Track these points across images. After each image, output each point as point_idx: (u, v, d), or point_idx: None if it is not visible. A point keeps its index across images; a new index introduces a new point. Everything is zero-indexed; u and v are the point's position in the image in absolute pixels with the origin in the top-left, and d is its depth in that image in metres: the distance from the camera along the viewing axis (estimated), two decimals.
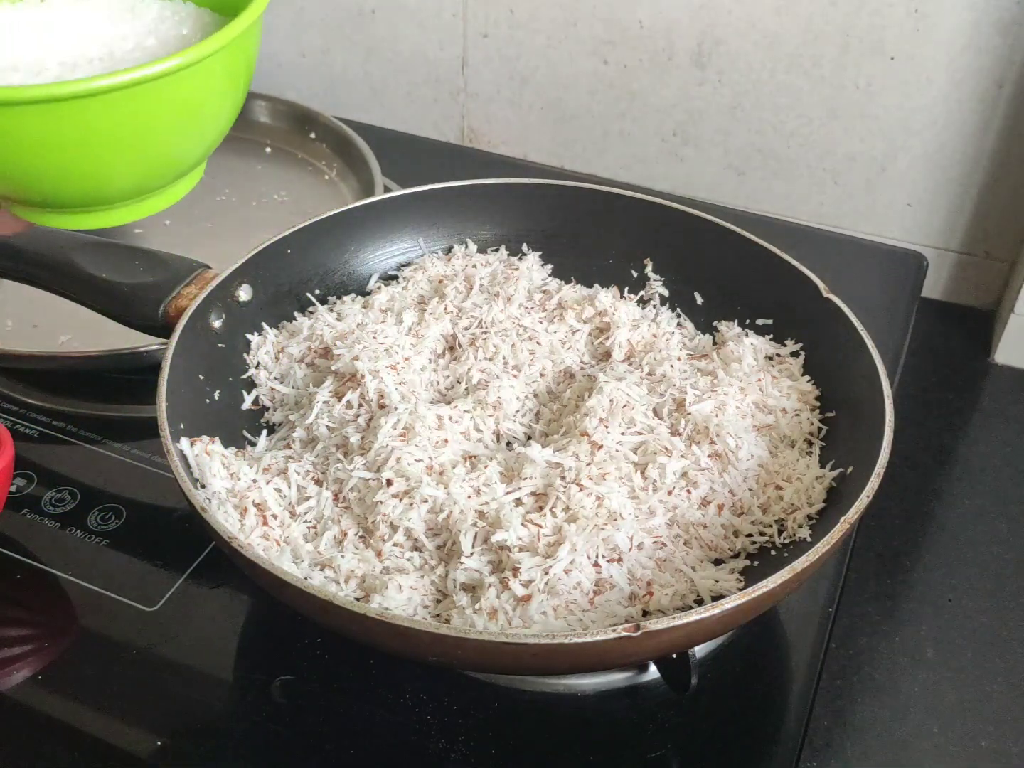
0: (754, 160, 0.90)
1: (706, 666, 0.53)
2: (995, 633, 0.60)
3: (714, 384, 0.60)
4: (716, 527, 0.53)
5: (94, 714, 0.52)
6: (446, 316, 0.63)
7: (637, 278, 0.69)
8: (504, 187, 0.71)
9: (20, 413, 0.69)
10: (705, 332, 0.66)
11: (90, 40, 0.78)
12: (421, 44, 0.98)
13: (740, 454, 0.55)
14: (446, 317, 0.63)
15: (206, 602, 0.57)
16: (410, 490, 0.51)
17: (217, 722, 0.52)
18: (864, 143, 0.85)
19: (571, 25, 0.90)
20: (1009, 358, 0.82)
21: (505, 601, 0.47)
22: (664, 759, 0.50)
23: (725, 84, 0.88)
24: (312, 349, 0.62)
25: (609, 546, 0.49)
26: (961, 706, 0.56)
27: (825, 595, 0.58)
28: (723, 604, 0.42)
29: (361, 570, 0.50)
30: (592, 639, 0.41)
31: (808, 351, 0.62)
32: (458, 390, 0.60)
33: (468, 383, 0.59)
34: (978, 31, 0.77)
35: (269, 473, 0.54)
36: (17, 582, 0.58)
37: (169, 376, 0.53)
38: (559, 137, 0.98)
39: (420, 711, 0.52)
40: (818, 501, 0.53)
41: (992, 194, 0.84)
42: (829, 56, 0.83)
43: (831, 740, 0.54)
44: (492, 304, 0.64)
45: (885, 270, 0.83)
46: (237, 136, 0.98)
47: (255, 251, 0.63)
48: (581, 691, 0.53)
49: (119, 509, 0.62)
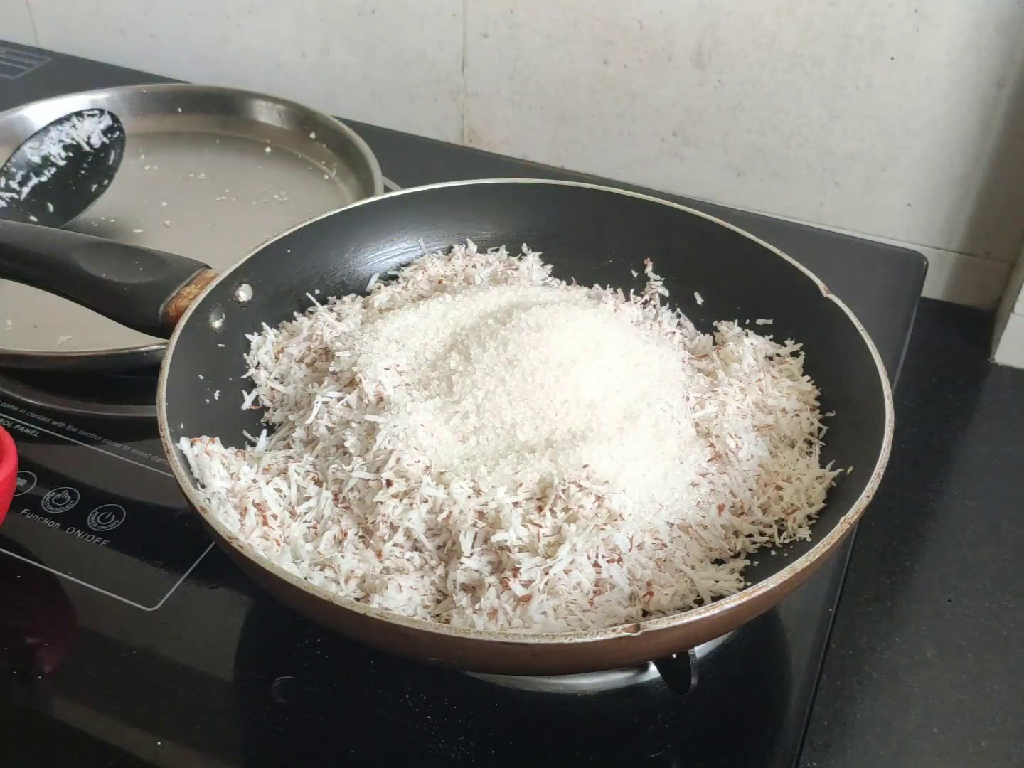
0: (754, 160, 0.90)
1: (706, 666, 0.53)
2: (995, 633, 0.60)
3: (714, 384, 0.60)
4: (716, 527, 0.53)
5: (94, 714, 0.52)
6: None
7: (637, 278, 0.69)
8: (504, 187, 0.71)
9: (20, 413, 0.69)
10: (705, 332, 0.66)
11: None
12: (421, 44, 0.98)
13: (740, 454, 0.55)
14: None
15: (206, 602, 0.57)
16: (410, 490, 0.51)
17: (217, 722, 0.52)
18: (864, 143, 0.85)
19: (571, 25, 0.90)
20: (1009, 358, 0.82)
21: (505, 601, 0.47)
22: (664, 759, 0.50)
23: (725, 84, 0.88)
24: (312, 349, 0.62)
25: (609, 546, 0.49)
26: (961, 706, 0.56)
27: (825, 595, 0.57)
28: (723, 604, 0.42)
29: (361, 570, 0.50)
30: (592, 639, 0.41)
31: (808, 351, 0.62)
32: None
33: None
34: (978, 31, 0.77)
35: (269, 473, 0.54)
36: (17, 582, 0.58)
37: (169, 376, 0.53)
38: (559, 137, 0.98)
39: (420, 711, 0.52)
40: (818, 501, 0.53)
41: (992, 194, 0.84)
42: (829, 56, 0.83)
43: (831, 740, 0.54)
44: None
45: (885, 270, 0.83)
46: (237, 136, 0.98)
47: (255, 251, 0.63)
48: (581, 691, 0.53)
49: (119, 509, 0.62)
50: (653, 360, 0.60)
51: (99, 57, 1.15)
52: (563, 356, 0.56)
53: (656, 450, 0.54)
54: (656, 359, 0.60)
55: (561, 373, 0.55)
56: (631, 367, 0.58)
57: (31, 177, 0.86)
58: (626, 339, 0.60)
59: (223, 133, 0.98)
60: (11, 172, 0.85)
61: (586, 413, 0.55)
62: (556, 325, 0.58)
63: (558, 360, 0.56)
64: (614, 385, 0.56)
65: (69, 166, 0.88)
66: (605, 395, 0.56)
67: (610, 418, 0.55)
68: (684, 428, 0.57)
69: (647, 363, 0.59)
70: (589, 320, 0.59)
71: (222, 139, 0.98)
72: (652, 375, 0.59)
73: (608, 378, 0.57)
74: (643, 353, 0.60)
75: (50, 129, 0.87)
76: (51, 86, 1.03)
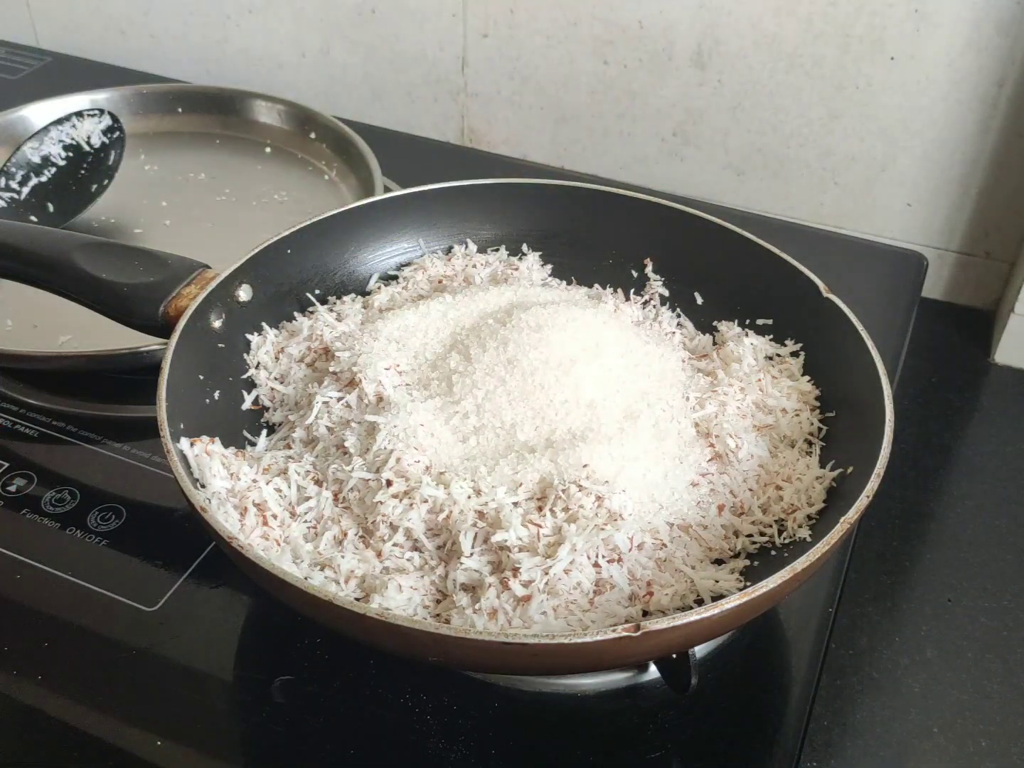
0: (754, 160, 0.90)
1: (706, 666, 0.53)
2: (995, 633, 0.60)
3: (714, 384, 0.60)
4: (716, 527, 0.53)
5: (94, 714, 0.52)
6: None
7: (637, 278, 0.69)
8: (504, 187, 0.71)
9: (20, 413, 0.69)
10: (705, 332, 0.66)
11: None
12: (421, 44, 0.98)
13: (740, 454, 0.55)
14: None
15: (206, 602, 0.57)
16: (410, 490, 0.51)
17: (217, 722, 0.52)
18: (864, 143, 0.85)
19: (571, 25, 0.90)
20: (1009, 358, 0.82)
21: (505, 601, 0.47)
22: (664, 759, 0.50)
23: (725, 84, 0.88)
24: (312, 349, 0.62)
25: (609, 546, 0.49)
26: (961, 706, 0.56)
27: (825, 595, 0.57)
28: (723, 604, 0.42)
29: (361, 570, 0.50)
30: (592, 639, 0.41)
31: (808, 351, 0.62)
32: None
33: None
34: (978, 31, 0.77)
35: (269, 473, 0.54)
36: (17, 582, 0.58)
37: (169, 376, 0.53)
38: (559, 137, 0.98)
39: (420, 711, 0.52)
40: (818, 501, 0.53)
41: (992, 194, 0.84)
42: (829, 56, 0.83)
43: (831, 740, 0.54)
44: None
45: (885, 270, 0.83)
46: (237, 136, 0.98)
47: (255, 251, 0.63)
48: (581, 691, 0.53)
49: (119, 509, 0.62)
50: (653, 360, 0.60)
51: (99, 57, 1.15)
52: (563, 356, 0.56)
53: (656, 450, 0.54)
54: (656, 359, 0.60)
55: (561, 373, 0.55)
56: (631, 367, 0.58)
57: (31, 177, 0.86)
58: (626, 339, 0.60)
59: (223, 133, 0.98)
60: (11, 172, 0.85)
61: (586, 413, 0.55)
62: (556, 325, 0.58)
63: (558, 360, 0.56)
64: (614, 385, 0.56)
65: (69, 166, 0.88)
66: (605, 395, 0.56)
67: (610, 418, 0.55)
68: (684, 428, 0.57)
69: (647, 363, 0.59)
70: (589, 320, 0.59)
71: (222, 139, 0.98)
72: (652, 375, 0.59)
73: (608, 378, 0.57)
74: (643, 353, 0.60)
75: (50, 129, 0.87)
76: (51, 86, 1.03)
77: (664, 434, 0.55)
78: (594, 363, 0.57)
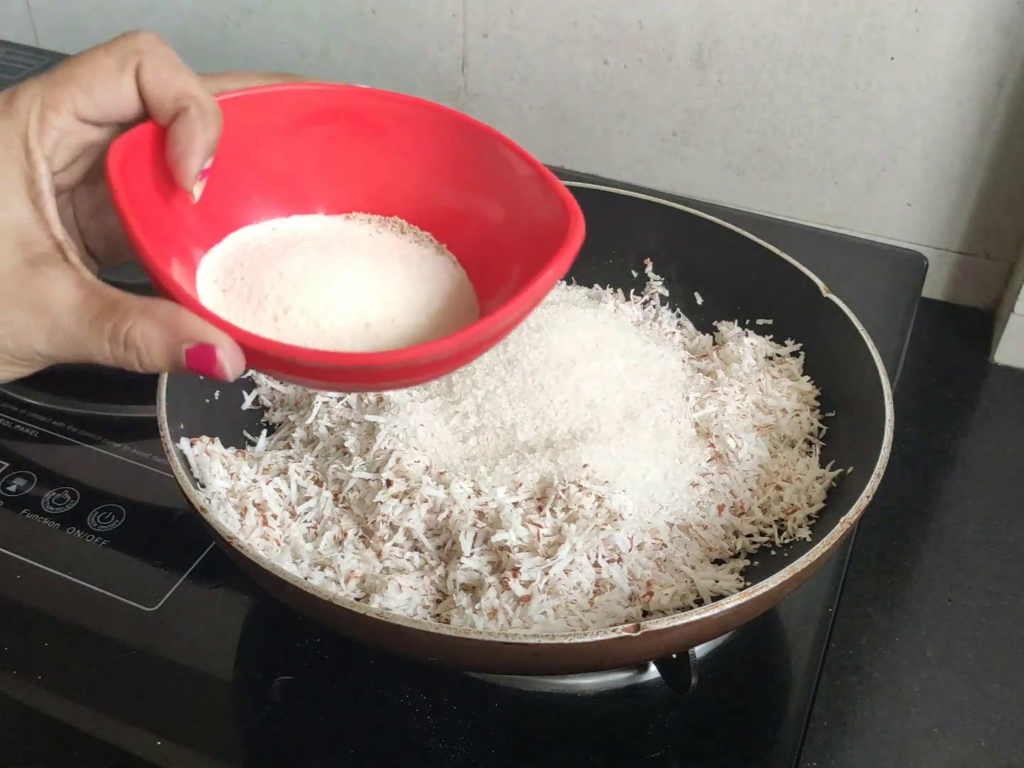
0: (754, 160, 0.90)
1: (706, 666, 0.53)
2: (995, 633, 0.60)
3: (714, 384, 0.60)
4: (716, 527, 0.53)
5: (94, 714, 0.52)
6: None
7: (637, 278, 0.69)
8: None
9: (20, 413, 0.69)
10: (705, 332, 0.66)
11: None
12: (421, 44, 0.98)
13: (740, 454, 0.55)
14: None
15: (206, 602, 0.57)
16: (410, 490, 0.51)
17: (217, 722, 0.52)
18: (864, 143, 0.85)
19: (571, 25, 0.90)
20: (1009, 358, 0.82)
21: (505, 601, 0.47)
22: (664, 759, 0.50)
23: (725, 84, 0.87)
24: None
25: (609, 546, 0.49)
26: (961, 706, 0.56)
27: (825, 595, 0.57)
28: (723, 604, 0.42)
29: (361, 570, 0.50)
30: (592, 639, 0.41)
31: (808, 351, 0.62)
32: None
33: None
34: (978, 31, 0.77)
35: (269, 473, 0.54)
36: (17, 582, 0.58)
37: (169, 376, 0.53)
38: (559, 137, 0.98)
39: (420, 711, 0.52)
40: (818, 501, 0.53)
41: (992, 194, 0.84)
42: (829, 56, 0.83)
43: (831, 740, 0.54)
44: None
45: (885, 270, 0.83)
46: None
47: None
48: (581, 691, 0.53)
49: (119, 509, 0.62)
50: (653, 360, 0.60)
51: None
52: (563, 356, 0.56)
53: (656, 450, 0.54)
54: (656, 359, 0.60)
55: (561, 373, 0.55)
56: (631, 367, 0.58)
57: None
58: (626, 339, 0.60)
59: None
60: None
61: (586, 413, 0.55)
62: (556, 325, 0.58)
63: (558, 360, 0.56)
64: (614, 385, 0.56)
65: None
66: (605, 395, 0.56)
67: (610, 418, 0.55)
68: (684, 428, 0.57)
69: (647, 363, 0.59)
70: (589, 320, 0.59)
71: None
72: (652, 375, 0.59)
73: (608, 378, 0.57)
74: (643, 353, 0.60)
75: None
76: None
77: (664, 434, 0.55)
78: (594, 363, 0.57)
